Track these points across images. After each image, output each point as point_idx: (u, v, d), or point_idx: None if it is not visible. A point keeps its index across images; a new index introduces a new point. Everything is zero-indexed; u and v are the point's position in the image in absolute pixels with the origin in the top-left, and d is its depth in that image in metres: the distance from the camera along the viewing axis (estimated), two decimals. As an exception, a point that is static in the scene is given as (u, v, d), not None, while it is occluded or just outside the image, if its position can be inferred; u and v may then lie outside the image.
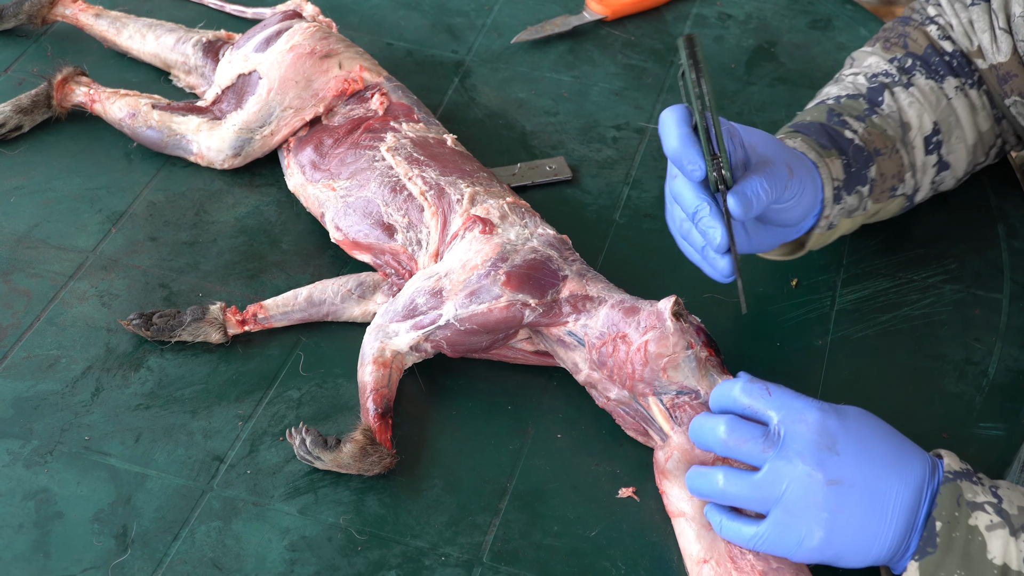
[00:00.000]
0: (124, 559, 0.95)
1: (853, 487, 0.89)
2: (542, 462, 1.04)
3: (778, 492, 0.90)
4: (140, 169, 1.27)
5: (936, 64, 1.19)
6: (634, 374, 1.01)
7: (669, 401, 1.00)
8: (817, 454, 0.89)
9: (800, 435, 0.90)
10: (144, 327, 1.09)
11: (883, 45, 1.21)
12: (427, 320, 1.06)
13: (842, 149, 1.11)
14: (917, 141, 1.16)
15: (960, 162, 1.20)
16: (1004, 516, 0.88)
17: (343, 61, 1.26)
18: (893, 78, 1.18)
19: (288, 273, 1.18)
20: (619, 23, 1.51)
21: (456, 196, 1.13)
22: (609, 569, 0.97)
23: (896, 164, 1.15)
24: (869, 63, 1.20)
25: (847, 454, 0.89)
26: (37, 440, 1.02)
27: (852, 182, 1.11)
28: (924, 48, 1.19)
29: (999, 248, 1.25)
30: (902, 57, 1.19)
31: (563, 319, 1.04)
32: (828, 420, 0.91)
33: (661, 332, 1.00)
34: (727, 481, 0.92)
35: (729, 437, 0.92)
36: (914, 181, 1.17)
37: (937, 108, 1.17)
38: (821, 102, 1.19)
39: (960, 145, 1.19)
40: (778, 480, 0.90)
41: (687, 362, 1.00)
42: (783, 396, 0.93)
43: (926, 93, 1.17)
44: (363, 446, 0.99)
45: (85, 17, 1.39)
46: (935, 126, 1.17)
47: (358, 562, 0.96)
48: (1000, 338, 1.17)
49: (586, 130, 1.36)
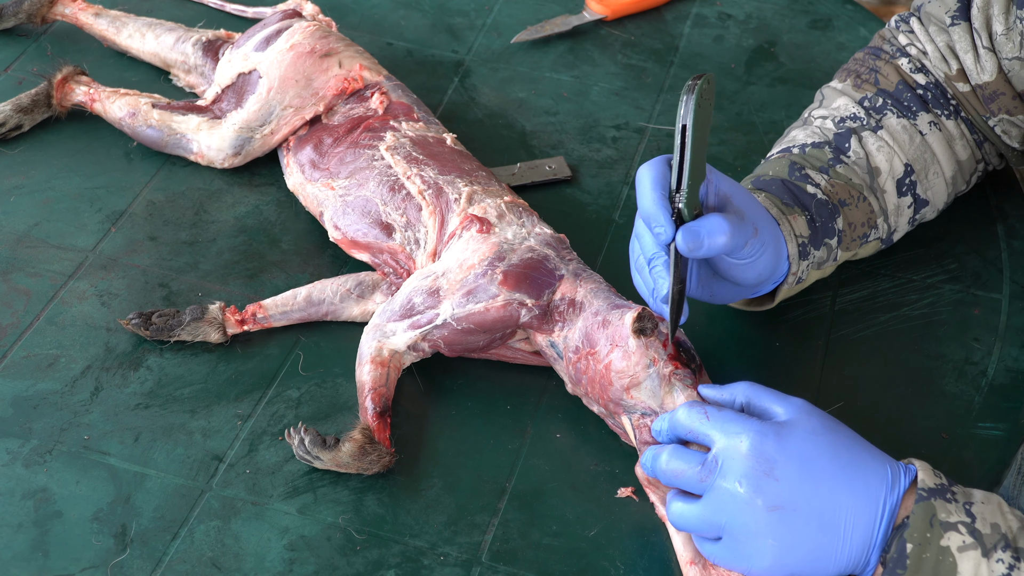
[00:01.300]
0: (123, 558, 0.95)
1: (796, 511, 0.88)
2: (541, 462, 1.04)
3: (721, 520, 0.89)
4: (140, 168, 1.27)
5: (908, 100, 1.17)
6: (604, 393, 1.00)
7: (636, 421, 1.00)
8: (755, 481, 0.88)
9: (736, 462, 0.89)
10: (143, 326, 1.09)
11: (853, 83, 1.19)
12: (424, 319, 1.06)
13: (805, 206, 1.10)
14: (888, 185, 1.14)
15: (939, 195, 1.19)
16: (976, 536, 0.87)
17: (343, 60, 1.26)
18: (861, 122, 1.16)
19: (287, 273, 1.18)
20: (619, 23, 1.51)
21: (454, 195, 1.13)
22: (608, 569, 0.97)
23: (865, 212, 1.13)
24: (838, 105, 1.18)
25: (787, 479, 0.88)
26: (36, 439, 1.02)
27: (819, 236, 1.10)
28: (895, 84, 1.17)
29: (999, 248, 1.25)
30: (873, 96, 1.17)
31: (552, 326, 1.04)
32: (765, 444, 0.89)
33: (624, 350, 0.99)
34: (679, 507, 0.92)
35: (668, 467, 0.92)
36: (887, 225, 1.16)
37: (910, 147, 1.15)
38: (786, 150, 1.16)
39: (938, 180, 1.18)
40: (719, 508, 0.89)
41: (649, 381, 0.98)
42: (721, 420, 0.91)
43: (897, 134, 1.15)
44: (362, 445, 0.99)
45: (85, 16, 1.39)
46: (907, 168, 1.15)
47: (357, 562, 0.96)
48: (1000, 338, 1.17)
49: (586, 130, 1.36)
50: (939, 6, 1.19)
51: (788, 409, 0.93)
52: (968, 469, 1.05)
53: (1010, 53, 1.14)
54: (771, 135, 1.37)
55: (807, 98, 1.42)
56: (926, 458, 0.93)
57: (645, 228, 1.00)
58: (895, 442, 0.96)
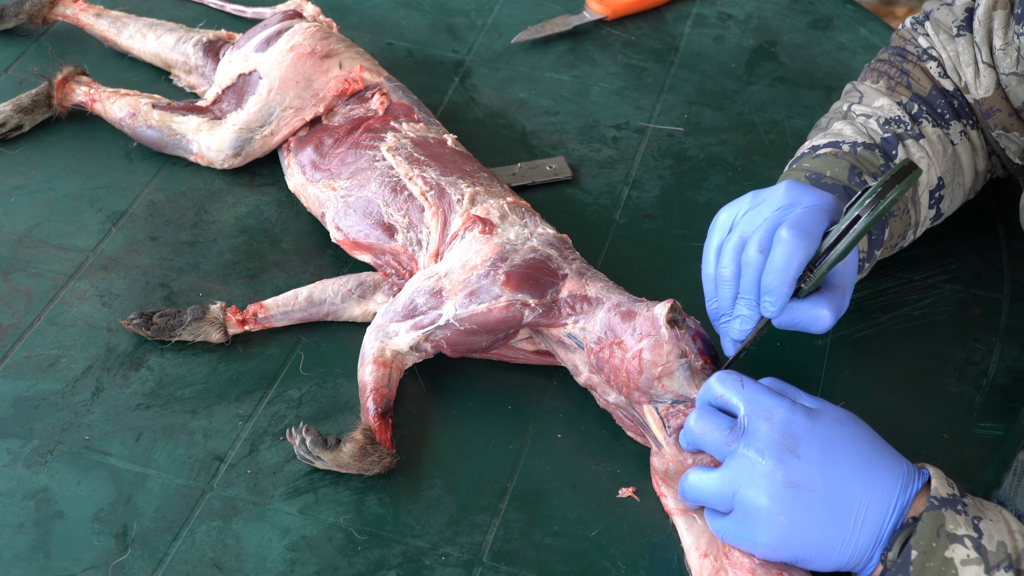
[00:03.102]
0: (124, 559, 0.95)
1: (812, 492, 0.88)
2: (542, 462, 1.04)
3: (736, 489, 0.90)
4: (140, 169, 1.27)
5: (941, 108, 1.16)
6: (629, 381, 1.00)
7: (664, 409, 1.00)
8: (778, 453, 0.89)
9: (763, 432, 0.90)
10: (144, 327, 1.09)
11: (887, 85, 1.18)
12: (427, 320, 1.06)
13: None
14: (923, 198, 1.15)
15: (955, 206, 1.20)
16: (981, 552, 0.87)
17: (343, 61, 1.26)
18: (906, 127, 1.15)
19: (288, 273, 1.18)
20: (619, 23, 1.51)
21: (456, 196, 1.13)
22: (609, 569, 0.97)
23: (904, 224, 1.14)
24: (880, 104, 1.16)
25: (809, 458, 0.89)
26: (37, 440, 1.02)
27: (872, 249, 1.11)
28: (928, 90, 1.17)
29: (999, 248, 1.25)
30: (908, 101, 1.16)
31: (562, 320, 1.04)
32: (795, 421, 0.90)
33: (656, 340, 0.99)
34: (697, 477, 0.93)
35: (696, 425, 0.93)
36: (913, 235, 1.17)
37: (943, 159, 1.15)
38: (835, 145, 1.14)
39: (959, 191, 1.18)
40: (737, 476, 0.90)
41: (681, 371, 0.99)
42: (754, 391, 0.92)
43: (934, 144, 1.15)
44: (363, 446, 0.99)
45: (85, 17, 1.39)
46: (940, 181, 1.15)
47: (358, 562, 0.96)
48: (1000, 338, 1.17)
49: (586, 130, 1.36)
50: (947, 14, 1.18)
51: (815, 400, 0.94)
52: (968, 469, 1.05)
53: (1007, 68, 1.14)
54: (771, 135, 1.37)
55: (807, 98, 1.42)
56: (926, 458, 0.94)
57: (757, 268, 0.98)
58: (895, 442, 0.96)
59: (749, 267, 0.99)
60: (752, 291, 0.99)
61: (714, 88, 1.43)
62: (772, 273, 0.97)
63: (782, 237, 0.97)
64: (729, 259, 1.01)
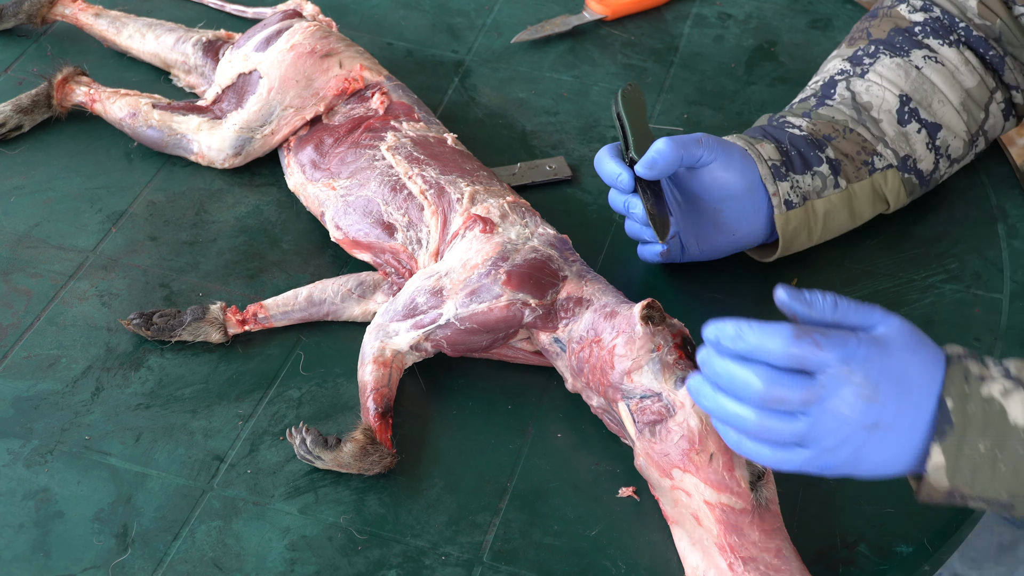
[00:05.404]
0: (124, 559, 0.95)
1: (891, 429, 0.88)
2: (542, 461, 1.04)
3: (815, 435, 0.88)
4: (140, 169, 1.27)
5: (900, 42, 1.22)
6: (604, 378, 1.00)
7: (634, 405, 0.99)
8: (861, 406, 0.87)
9: (846, 390, 0.87)
10: (144, 327, 1.09)
11: (847, 43, 1.26)
12: (427, 319, 1.06)
13: (776, 139, 1.16)
14: (881, 115, 1.19)
15: (953, 121, 1.21)
16: (1016, 381, 0.87)
17: (343, 60, 1.26)
18: (847, 73, 1.22)
19: (288, 273, 1.18)
20: (619, 23, 1.52)
21: (456, 195, 1.13)
22: (609, 568, 0.97)
23: (856, 142, 1.18)
24: (829, 67, 1.25)
25: (888, 400, 0.88)
26: (37, 440, 1.02)
27: (798, 163, 1.15)
28: (887, 32, 1.23)
29: (999, 248, 1.25)
30: (865, 47, 1.23)
31: (557, 323, 1.04)
32: (871, 370, 0.88)
33: (629, 336, 0.99)
34: (761, 420, 0.88)
35: (768, 390, 0.87)
36: (892, 151, 1.19)
37: (905, 81, 1.20)
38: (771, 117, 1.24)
39: (945, 108, 1.21)
40: (819, 429, 0.88)
41: (651, 365, 0.99)
42: (831, 347, 0.88)
43: (887, 71, 1.20)
44: (363, 445, 0.99)
45: (85, 17, 1.39)
46: (903, 98, 1.20)
47: (358, 561, 0.96)
48: (1000, 338, 1.17)
49: (586, 130, 1.36)
50: None
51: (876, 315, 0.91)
52: (969, 469, 1.05)
53: None
54: (771, 135, 1.37)
55: (807, 98, 1.42)
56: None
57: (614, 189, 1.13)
58: (896, 442, 0.95)
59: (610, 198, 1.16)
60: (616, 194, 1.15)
61: (714, 88, 1.43)
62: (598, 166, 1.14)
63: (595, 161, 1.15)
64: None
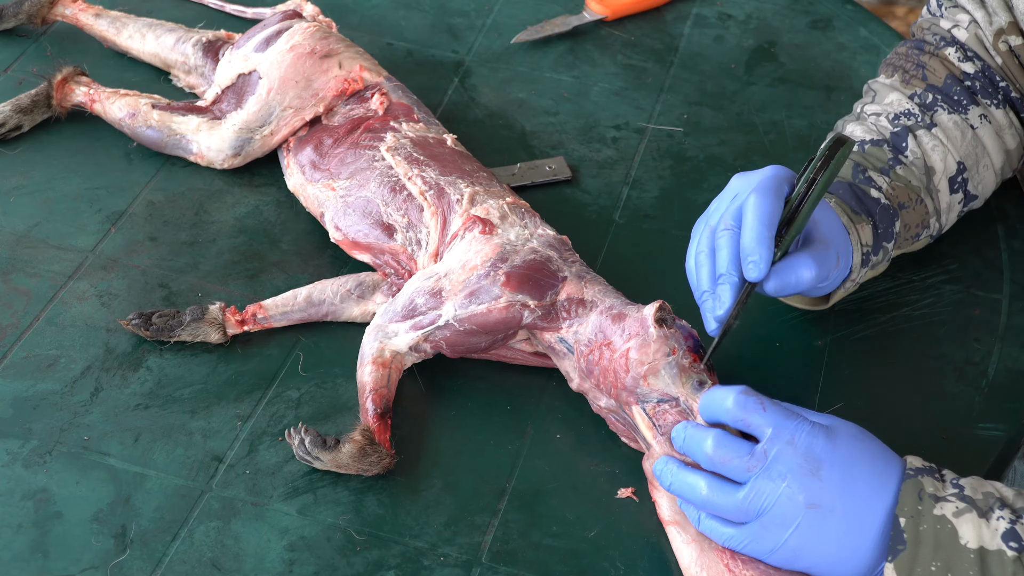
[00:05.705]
0: (123, 559, 0.95)
1: (832, 511, 0.89)
2: (541, 462, 1.04)
3: (757, 508, 0.90)
4: (140, 169, 1.27)
5: (957, 95, 1.16)
6: (617, 382, 1.00)
7: (651, 409, 0.99)
8: (801, 478, 0.89)
9: (787, 457, 0.89)
10: (143, 327, 1.09)
11: (902, 78, 1.19)
12: (426, 320, 1.06)
13: (870, 211, 1.10)
14: (942, 185, 1.15)
15: (988, 187, 1.20)
16: (969, 501, 0.87)
17: (343, 61, 1.26)
18: (916, 119, 1.15)
19: (287, 273, 1.18)
20: (619, 23, 1.51)
21: (456, 196, 1.13)
22: (608, 569, 0.97)
23: (921, 214, 1.14)
24: (890, 100, 1.17)
25: (830, 479, 0.89)
26: (36, 440, 1.02)
27: (879, 242, 1.11)
28: (944, 79, 1.17)
29: (999, 248, 1.25)
30: (922, 92, 1.17)
31: (558, 323, 1.04)
32: (816, 444, 0.90)
33: (643, 339, 0.99)
34: (710, 491, 0.92)
35: (715, 453, 0.92)
36: (939, 224, 1.17)
37: (962, 143, 1.16)
38: None
39: (988, 173, 1.18)
40: (759, 498, 0.90)
41: (667, 369, 0.99)
42: (777, 414, 0.92)
43: (949, 130, 1.15)
44: (362, 446, 0.99)
45: (85, 17, 1.39)
46: (959, 165, 1.15)
47: (357, 562, 0.96)
48: (1000, 338, 1.17)
49: (586, 130, 1.36)
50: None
51: (824, 416, 0.93)
52: (968, 469, 1.04)
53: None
54: (771, 135, 1.37)
55: (807, 98, 1.42)
56: (926, 459, 0.93)
57: (729, 240, 1.00)
58: (895, 442, 0.95)
59: (722, 241, 1.00)
60: (729, 263, 1.00)
61: (714, 88, 1.43)
62: (748, 232, 0.98)
63: (749, 202, 0.99)
64: (703, 243, 1.02)
